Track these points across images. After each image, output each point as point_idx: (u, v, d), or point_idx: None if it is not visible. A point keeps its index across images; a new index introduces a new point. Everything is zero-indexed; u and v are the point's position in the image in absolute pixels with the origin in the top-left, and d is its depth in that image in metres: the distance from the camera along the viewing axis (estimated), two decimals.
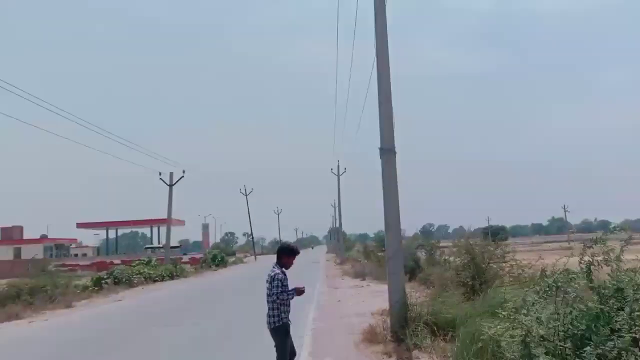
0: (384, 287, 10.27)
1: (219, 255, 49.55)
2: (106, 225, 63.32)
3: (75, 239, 69.06)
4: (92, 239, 71.53)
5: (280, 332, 5.84)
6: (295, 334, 10.35)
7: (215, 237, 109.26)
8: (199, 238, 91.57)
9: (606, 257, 4.93)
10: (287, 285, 5.84)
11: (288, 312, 5.90)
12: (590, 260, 4.92)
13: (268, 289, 5.80)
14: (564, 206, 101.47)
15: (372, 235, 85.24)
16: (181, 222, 63.75)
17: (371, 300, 14.81)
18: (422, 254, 22.78)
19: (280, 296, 5.73)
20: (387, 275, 10.30)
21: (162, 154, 70.52)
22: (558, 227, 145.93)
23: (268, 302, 5.82)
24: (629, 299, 4.55)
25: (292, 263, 6.10)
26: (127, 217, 65.07)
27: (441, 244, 23.70)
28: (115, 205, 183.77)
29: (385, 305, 10.37)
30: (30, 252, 41.66)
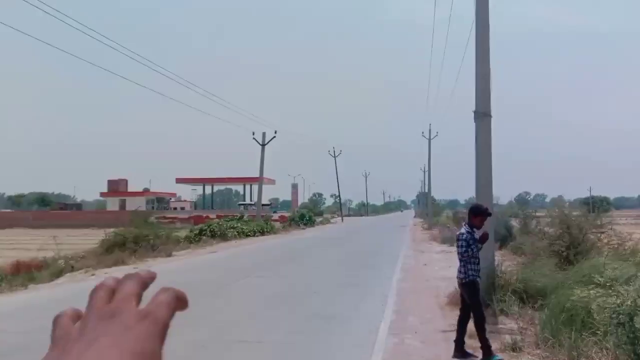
0: None
1: (307, 215, 50.73)
2: (203, 181, 66.61)
3: (174, 193, 73.25)
4: (189, 194, 75.59)
5: (469, 288, 6.24)
6: (380, 293, 10.67)
7: (303, 197, 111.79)
8: (289, 197, 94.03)
9: None
10: (473, 245, 6.10)
11: (477, 270, 6.23)
12: None
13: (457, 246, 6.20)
14: None
15: (462, 202, 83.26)
16: (272, 181, 65.62)
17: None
18: (515, 223, 22.06)
19: (464, 254, 6.06)
20: None
21: (256, 115, 72.56)
22: None
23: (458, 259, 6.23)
24: None
25: (482, 224, 6.26)
26: (222, 175, 68.10)
27: (537, 214, 22.81)
28: (211, 163, 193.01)
29: None
30: (134, 204, 44.67)
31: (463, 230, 6.19)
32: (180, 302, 0.47)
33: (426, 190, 62.82)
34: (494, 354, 5.89)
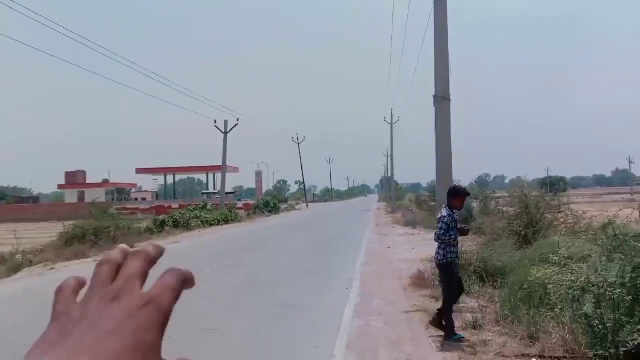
0: None
1: (272, 202, 50.61)
2: (164, 171, 65.45)
3: (135, 184, 71.92)
4: (151, 184, 74.34)
5: (444, 269, 6.28)
6: (345, 278, 10.73)
7: (268, 185, 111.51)
8: (253, 185, 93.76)
9: None
10: (453, 227, 6.13)
11: (455, 252, 6.25)
12: None
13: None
14: (629, 157, 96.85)
15: (425, 186, 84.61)
16: (236, 169, 65.02)
17: (421, 247, 14.89)
18: (475, 204, 22.53)
19: (442, 237, 6.10)
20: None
21: (219, 103, 71.67)
22: (621, 179, 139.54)
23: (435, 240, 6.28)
24: None
25: (462, 204, 6.34)
26: (184, 164, 67.17)
27: (497, 195, 23.34)
28: (174, 153, 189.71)
29: None
30: (93, 196, 43.60)
31: (444, 212, 6.20)
32: (187, 283, 0.46)
33: (389, 175, 63.59)
34: (456, 333, 6.01)
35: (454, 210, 6.24)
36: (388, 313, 7.69)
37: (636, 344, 3.86)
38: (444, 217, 6.14)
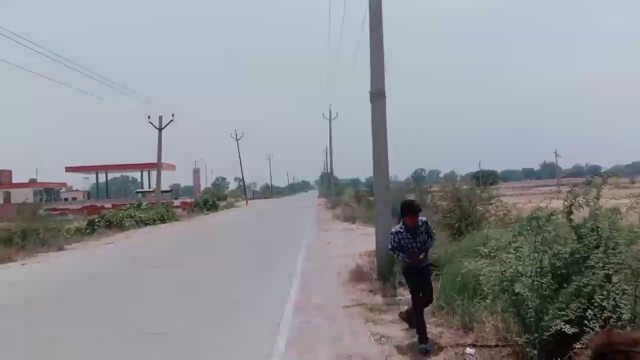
0: (374, 230, 10.50)
1: (210, 200, 49.86)
2: (95, 169, 62.88)
3: (65, 183, 68.72)
4: (82, 183, 71.25)
5: (403, 275, 6.14)
6: (285, 274, 10.70)
7: (206, 182, 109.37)
8: (191, 183, 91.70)
9: (586, 198, 5.03)
10: (405, 245, 5.77)
11: (404, 256, 5.85)
12: (572, 201, 5.03)
13: None
14: (555, 151, 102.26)
15: (363, 181, 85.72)
16: (172, 167, 63.37)
17: (360, 242, 15.10)
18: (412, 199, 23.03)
19: (393, 250, 5.94)
20: (375, 218, 10.50)
21: (154, 99, 69.59)
22: (549, 172, 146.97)
23: None
24: (604, 237, 4.70)
25: (413, 222, 5.80)
26: (118, 162, 64.84)
27: (432, 189, 23.96)
28: (105, 150, 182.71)
29: (374, 247, 10.60)
30: (20, 196, 41.46)
31: (394, 228, 5.99)
32: None
33: (329, 171, 64.09)
34: (425, 341, 5.60)
35: (408, 226, 5.81)
36: (328, 308, 7.73)
37: (558, 328, 4.06)
38: (391, 233, 5.96)
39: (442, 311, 6.56)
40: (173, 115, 38.06)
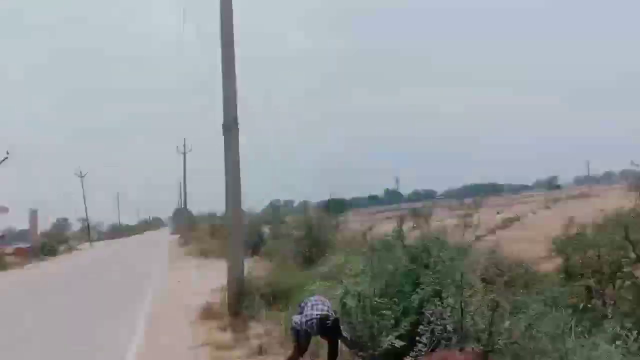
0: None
1: (49, 244, 45.74)
2: None
3: None
4: None
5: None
6: (132, 318, 9.85)
7: (46, 224, 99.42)
8: (27, 226, 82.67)
9: (416, 223, 5.43)
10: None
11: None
12: (401, 226, 5.38)
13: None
14: (396, 178, 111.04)
15: (218, 215, 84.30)
16: (5, 209, 56.66)
17: (213, 277, 14.60)
18: (267, 229, 23.14)
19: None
20: (228, 252, 10.26)
21: None
22: (391, 198, 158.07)
23: None
24: (433, 256, 5.06)
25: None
26: None
27: (287, 219, 24.32)
28: None
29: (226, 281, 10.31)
30: None
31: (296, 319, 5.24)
32: None
33: (183, 206, 62.01)
34: None
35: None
36: (174, 351, 7.28)
37: (389, 344, 4.25)
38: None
39: (290, 341, 6.49)
40: (8, 152, 34.21)
